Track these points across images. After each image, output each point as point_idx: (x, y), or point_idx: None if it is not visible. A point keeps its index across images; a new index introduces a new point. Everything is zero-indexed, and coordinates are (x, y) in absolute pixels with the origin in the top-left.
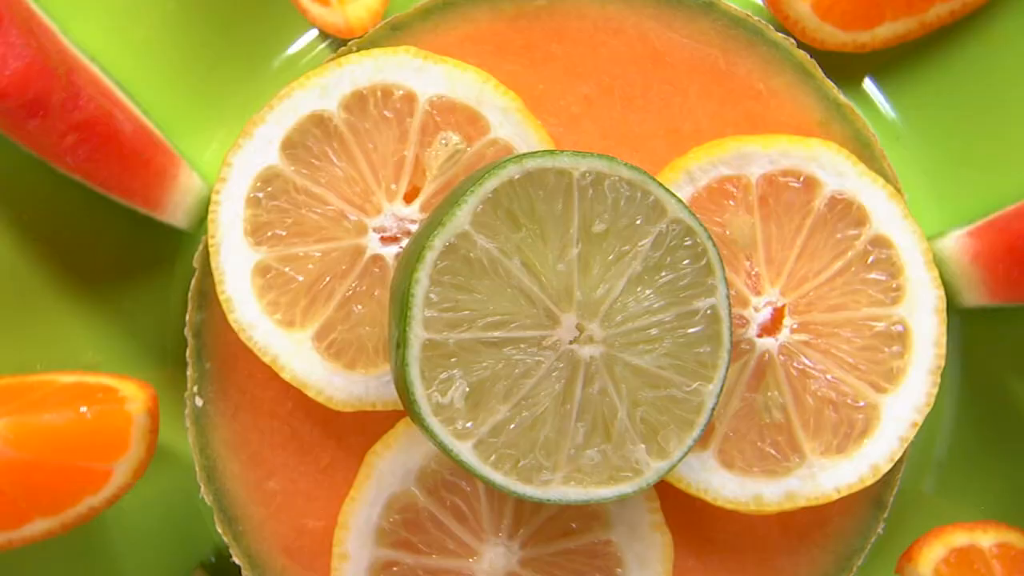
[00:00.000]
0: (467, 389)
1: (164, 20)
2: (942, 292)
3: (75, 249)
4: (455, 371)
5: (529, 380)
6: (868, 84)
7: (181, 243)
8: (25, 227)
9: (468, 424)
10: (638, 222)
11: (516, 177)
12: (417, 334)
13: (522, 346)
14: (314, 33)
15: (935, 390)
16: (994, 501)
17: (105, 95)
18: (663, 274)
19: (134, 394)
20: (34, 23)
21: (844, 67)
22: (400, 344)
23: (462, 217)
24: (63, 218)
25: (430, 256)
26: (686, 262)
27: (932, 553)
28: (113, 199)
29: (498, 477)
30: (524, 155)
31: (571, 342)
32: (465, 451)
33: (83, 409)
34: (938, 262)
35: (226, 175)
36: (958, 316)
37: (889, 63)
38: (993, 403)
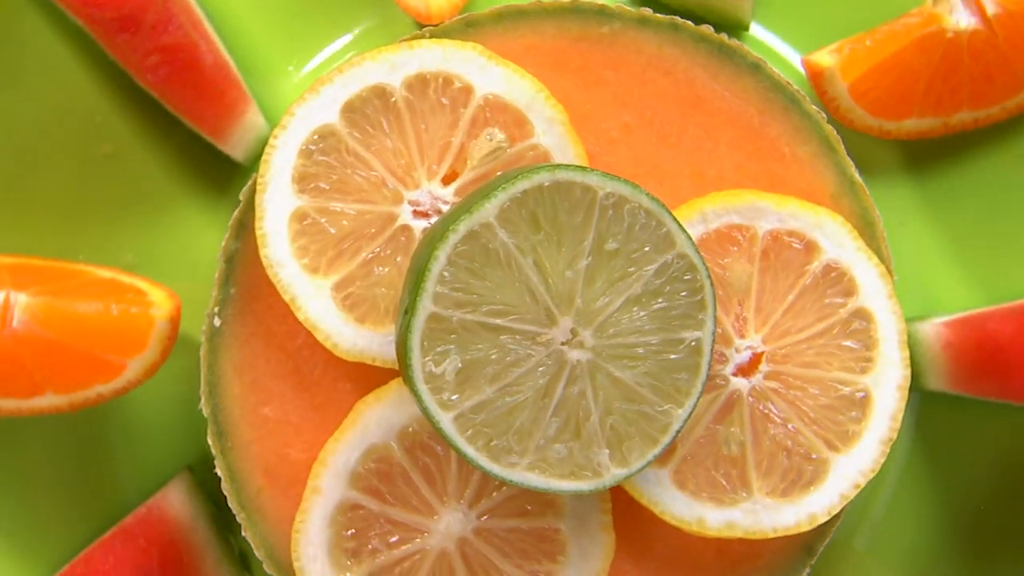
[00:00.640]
0: (459, 365)
1: None
2: (908, 372)
3: (137, 158)
4: (452, 346)
5: (517, 369)
6: (887, 167)
7: (233, 175)
8: (97, 127)
9: (454, 397)
10: (647, 249)
11: (546, 184)
12: (425, 305)
13: (517, 337)
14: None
15: (883, 459)
16: (919, 568)
17: (195, 25)
18: (659, 301)
19: (161, 301)
20: None
21: (868, 148)
22: (408, 311)
23: (489, 209)
24: (132, 126)
25: (453, 238)
26: (683, 294)
27: None
28: (182, 121)
29: (470, 450)
30: (558, 165)
31: (563, 343)
32: (445, 420)
33: (112, 305)
34: (912, 342)
35: (287, 123)
36: (919, 395)
37: (909, 154)
38: (935, 478)
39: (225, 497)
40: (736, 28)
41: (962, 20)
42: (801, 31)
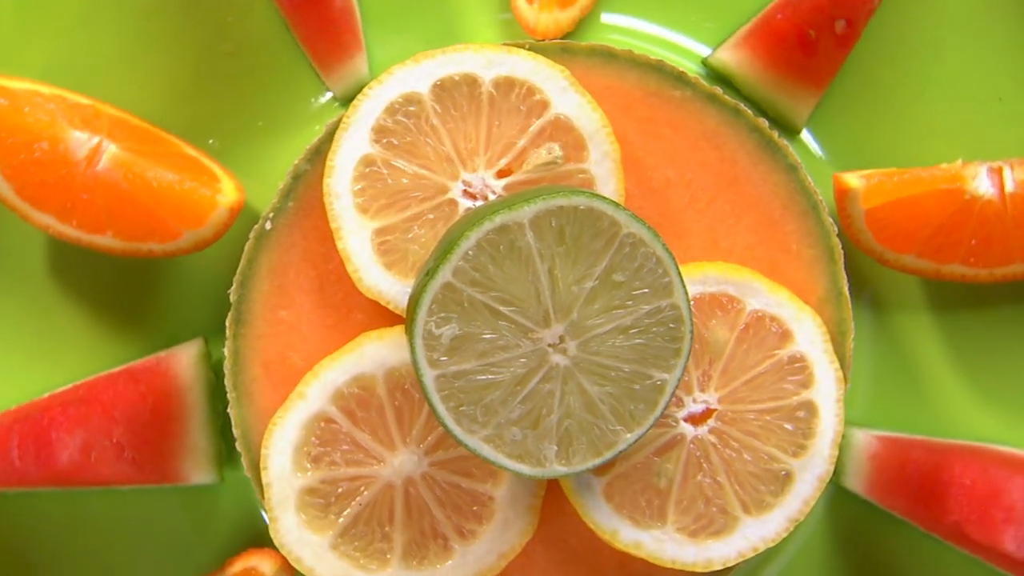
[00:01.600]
0: (456, 333)
1: None
2: (832, 469)
3: (250, 64)
4: (455, 316)
5: (503, 354)
6: (873, 287)
7: (326, 107)
8: (227, 27)
9: (442, 358)
10: (647, 291)
11: (581, 207)
12: (445, 274)
13: (513, 327)
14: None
15: (786, 534)
16: None
17: None
18: (642, 337)
19: (228, 190)
20: None
21: (863, 262)
22: (429, 273)
23: (527, 212)
24: (255, 36)
25: (487, 225)
26: (664, 339)
27: None
28: (299, 45)
29: (440, 408)
30: (596, 195)
31: (549, 345)
32: (428, 376)
33: (186, 179)
34: (844, 443)
35: (384, 80)
36: (836, 488)
37: (896, 286)
38: (828, 564)
39: (224, 374)
40: (789, 129)
41: (981, 187)
42: (843, 150)
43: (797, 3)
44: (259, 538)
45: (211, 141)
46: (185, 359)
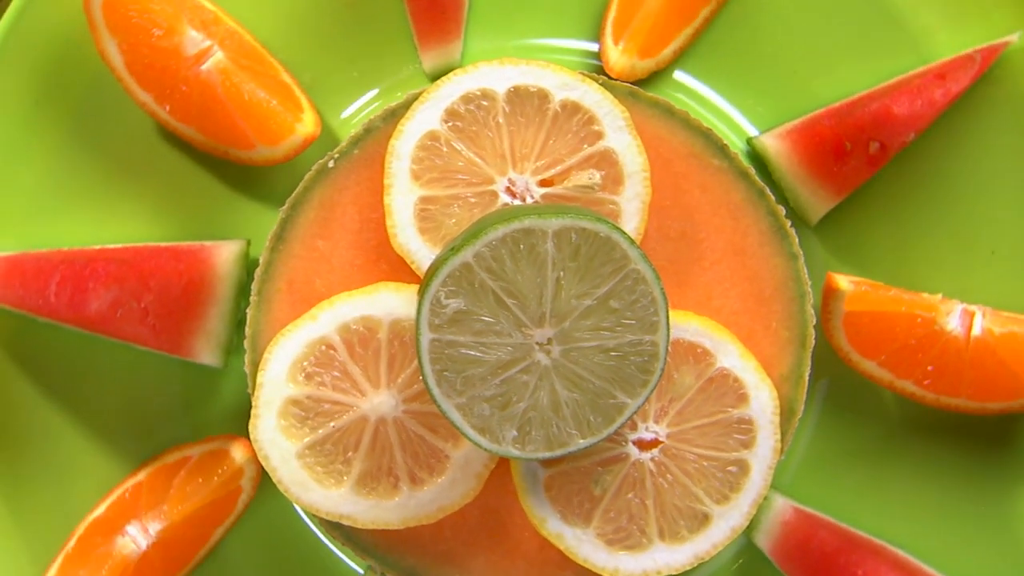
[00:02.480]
0: (461, 308)
1: None
2: (746, 524)
3: (362, 19)
4: (464, 293)
5: (495, 338)
6: (830, 380)
7: (410, 76)
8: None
9: (442, 325)
10: (635, 323)
11: (601, 234)
12: (466, 255)
13: (511, 318)
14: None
15: (690, 567)
16: None
17: None
18: (618, 362)
19: (308, 121)
20: None
21: (829, 356)
22: (453, 250)
23: (552, 223)
24: (374, 1)
25: (516, 224)
26: (637, 368)
27: None
28: (407, 16)
29: (427, 367)
30: (618, 228)
31: (537, 343)
32: (425, 337)
33: (273, 101)
34: (764, 504)
35: (470, 70)
36: (746, 540)
37: (850, 386)
38: None
39: (254, 278)
40: (802, 221)
41: (951, 323)
42: (843, 252)
43: (844, 115)
44: (240, 430)
45: (307, 75)
46: (226, 253)
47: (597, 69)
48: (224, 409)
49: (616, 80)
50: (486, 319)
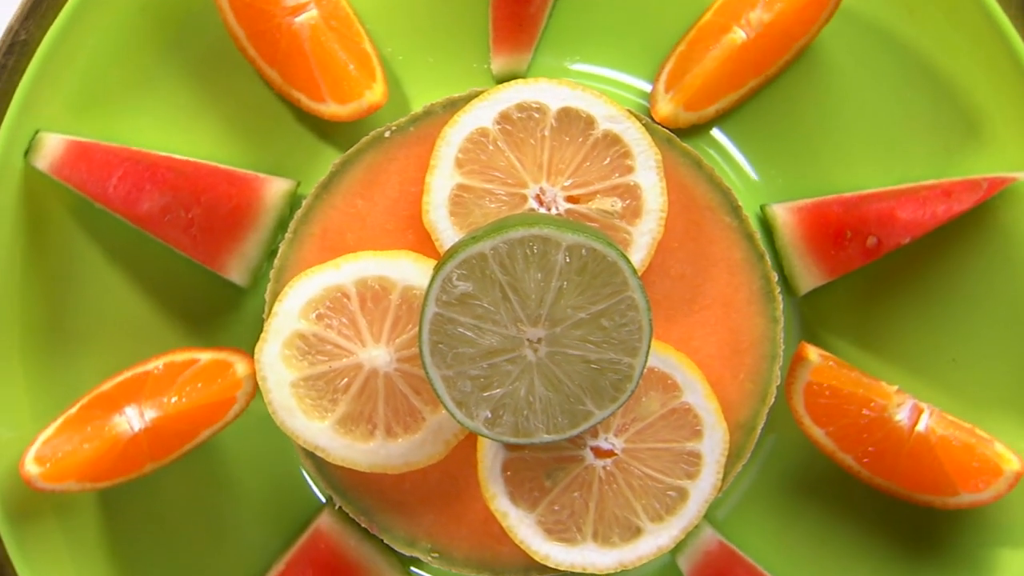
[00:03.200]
0: (468, 291)
1: None
2: (673, 546)
3: (451, 9)
4: (474, 279)
5: (491, 325)
6: (777, 438)
7: (476, 74)
8: None
9: (447, 303)
10: (618, 344)
11: (608, 258)
12: (483, 246)
13: (510, 311)
14: None
15: (610, 572)
16: None
17: None
18: (595, 374)
19: (378, 92)
20: None
21: (783, 415)
22: (474, 239)
23: (568, 237)
24: None
25: (536, 230)
26: (610, 383)
27: None
28: (488, 20)
29: (425, 335)
30: (625, 256)
31: (527, 340)
32: (430, 310)
33: (351, 66)
34: (694, 531)
35: (531, 83)
36: (670, 559)
37: (794, 447)
38: None
39: (294, 217)
40: (791, 289)
41: (900, 414)
42: (820, 326)
43: (851, 206)
44: (248, 348)
45: (388, 49)
46: (275, 189)
47: (643, 109)
48: (239, 326)
49: (658, 124)
50: (488, 307)
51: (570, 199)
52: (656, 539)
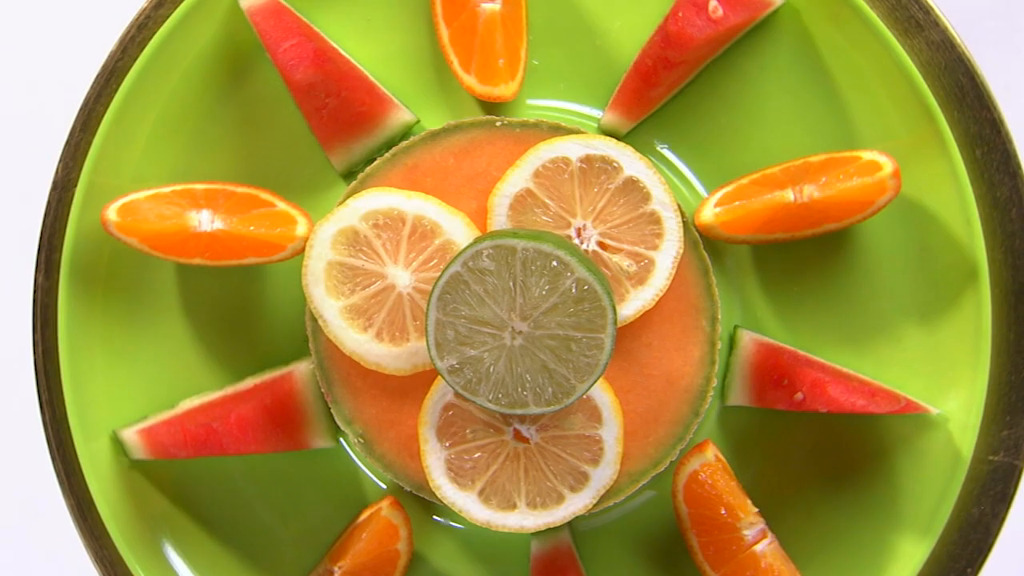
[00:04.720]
0: (488, 268)
1: None
2: (545, 527)
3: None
4: (498, 263)
5: (490, 302)
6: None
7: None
8: None
9: (471, 269)
10: (574, 363)
11: (602, 303)
12: (519, 243)
13: (508, 300)
14: None
15: (481, 525)
16: None
17: None
18: (545, 377)
19: (510, 89)
20: None
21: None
22: (515, 233)
23: (581, 271)
24: None
25: (560, 253)
26: (553, 389)
27: None
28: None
29: (440, 284)
30: (613, 307)
31: (512, 327)
32: (454, 267)
33: (502, 50)
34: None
35: (620, 146)
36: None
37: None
38: None
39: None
40: (723, 395)
41: (745, 530)
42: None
43: (802, 363)
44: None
45: (536, 61)
46: (400, 117)
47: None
48: (316, 212)
49: (694, 226)
50: (496, 288)
51: (601, 244)
52: (522, 519)
